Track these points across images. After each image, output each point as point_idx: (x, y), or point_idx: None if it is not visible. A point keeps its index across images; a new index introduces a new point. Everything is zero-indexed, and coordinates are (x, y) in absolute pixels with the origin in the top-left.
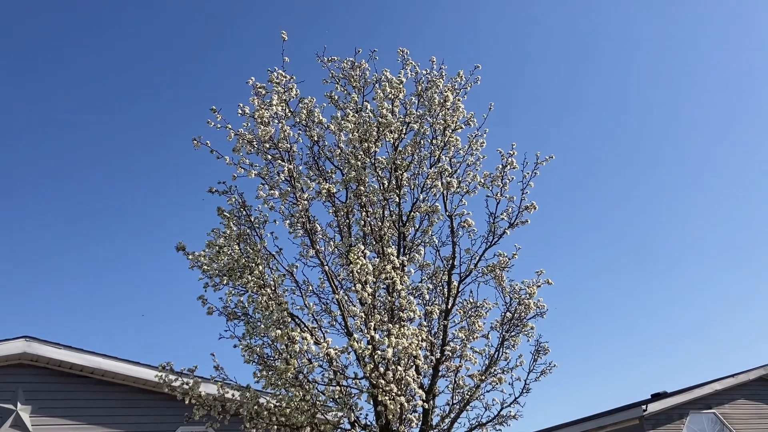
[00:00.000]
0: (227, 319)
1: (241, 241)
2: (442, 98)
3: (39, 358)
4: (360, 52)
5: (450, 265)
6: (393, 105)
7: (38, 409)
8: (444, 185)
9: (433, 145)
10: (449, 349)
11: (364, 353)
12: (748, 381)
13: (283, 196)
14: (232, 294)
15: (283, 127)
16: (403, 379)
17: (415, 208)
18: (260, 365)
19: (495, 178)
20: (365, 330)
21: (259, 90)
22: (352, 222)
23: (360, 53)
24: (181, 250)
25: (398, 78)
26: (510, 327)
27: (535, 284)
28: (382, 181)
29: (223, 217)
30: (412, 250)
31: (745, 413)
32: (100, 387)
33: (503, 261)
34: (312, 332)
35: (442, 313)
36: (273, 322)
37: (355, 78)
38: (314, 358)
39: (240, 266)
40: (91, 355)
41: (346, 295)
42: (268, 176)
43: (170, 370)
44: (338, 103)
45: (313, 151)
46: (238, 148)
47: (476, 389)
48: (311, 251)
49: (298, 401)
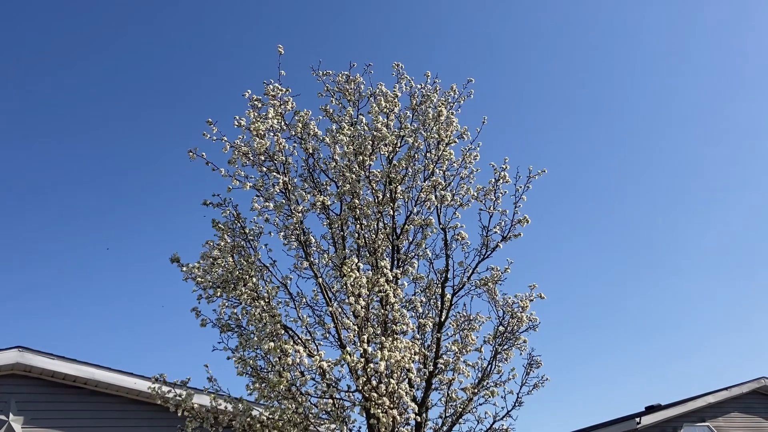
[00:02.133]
0: (221, 331)
1: (236, 253)
2: (436, 112)
3: (32, 369)
4: (355, 66)
5: (443, 278)
6: (388, 119)
7: (30, 420)
8: (438, 198)
9: (427, 159)
10: (442, 362)
11: (357, 366)
12: (742, 394)
13: (278, 209)
14: (225, 306)
15: (278, 139)
16: (395, 392)
17: (409, 221)
18: (253, 377)
19: (488, 191)
20: (358, 343)
21: (255, 103)
22: (346, 234)
23: (355, 67)
24: (175, 261)
25: (393, 92)
26: (503, 340)
27: (528, 298)
28: (377, 194)
29: (217, 229)
30: (405, 262)
31: (738, 426)
32: (94, 398)
33: (496, 274)
34: (305, 344)
35: (435, 326)
36: (266, 334)
37: (350, 92)
38: (307, 371)
39: (234, 278)
40: (85, 365)
41: (339, 307)
42: (263, 188)
43: (163, 382)
44: (333, 117)
45: (308, 164)
46: (233, 160)
47: (469, 402)
48: (305, 263)
49: (291, 414)
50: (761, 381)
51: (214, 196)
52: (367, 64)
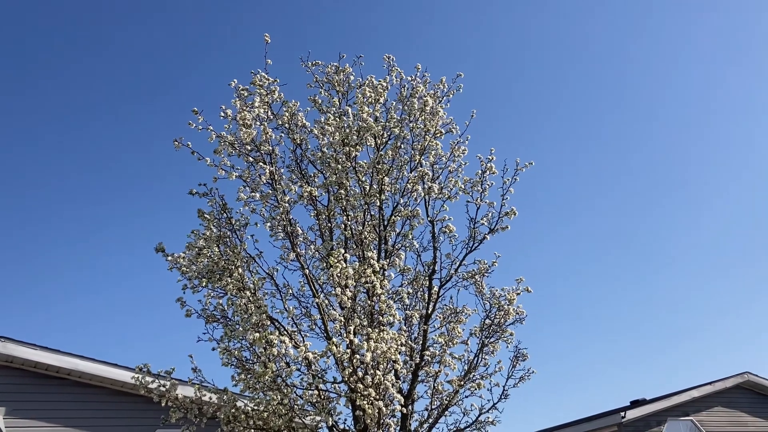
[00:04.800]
0: (206, 321)
1: (221, 244)
2: (421, 103)
3: (14, 359)
4: (345, 57)
5: (431, 270)
6: (375, 109)
7: (13, 411)
8: (425, 190)
9: (413, 150)
10: (429, 354)
11: (343, 357)
12: (725, 389)
13: (264, 199)
14: (211, 296)
15: (265, 129)
16: (381, 384)
17: (396, 212)
18: (238, 368)
19: (475, 183)
20: (344, 334)
21: (241, 92)
22: (333, 226)
23: (344, 58)
24: (160, 251)
25: (381, 83)
26: (489, 333)
27: (514, 291)
28: (364, 185)
29: (203, 219)
30: (392, 254)
31: (721, 420)
32: (77, 389)
33: (483, 267)
34: (291, 336)
35: (422, 318)
36: (251, 325)
37: (339, 82)
38: (293, 362)
39: (219, 268)
40: (68, 356)
41: (326, 298)
42: (250, 178)
43: (147, 372)
44: (321, 108)
45: (296, 154)
46: (219, 149)
47: (455, 394)
48: (292, 254)
49: (276, 405)
50: (744, 376)
51: (200, 186)
52: (357, 56)
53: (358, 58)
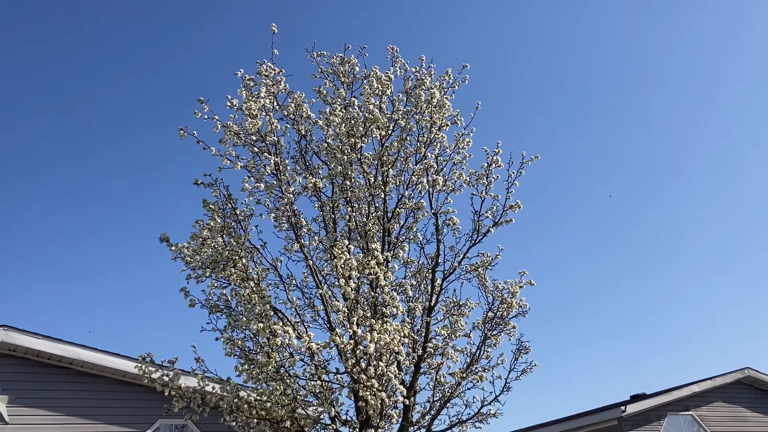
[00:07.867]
0: (209, 311)
1: (226, 234)
2: (428, 95)
3: (17, 348)
4: (350, 47)
5: (434, 263)
6: (381, 101)
7: (15, 399)
8: (430, 182)
9: (419, 142)
10: (431, 346)
11: (346, 348)
12: (726, 384)
13: (269, 189)
14: (214, 286)
15: (270, 119)
16: (384, 375)
17: (401, 204)
18: (241, 358)
19: (480, 176)
20: (348, 325)
21: (247, 82)
22: (337, 217)
23: (350, 49)
24: (164, 241)
25: (387, 75)
26: (492, 326)
27: (517, 284)
28: (368, 177)
29: (208, 209)
30: (396, 246)
31: (721, 415)
32: (79, 378)
33: (486, 260)
34: (294, 326)
35: (425, 310)
36: (255, 315)
37: (344, 73)
38: (296, 353)
39: (223, 259)
40: (71, 345)
41: (329, 290)
42: (255, 169)
43: (150, 362)
44: (327, 99)
45: (301, 145)
46: (225, 139)
47: (457, 387)
48: (296, 245)
49: (279, 395)
50: (745, 371)
51: (205, 176)
52: (362, 47)
53: (362, 50)
